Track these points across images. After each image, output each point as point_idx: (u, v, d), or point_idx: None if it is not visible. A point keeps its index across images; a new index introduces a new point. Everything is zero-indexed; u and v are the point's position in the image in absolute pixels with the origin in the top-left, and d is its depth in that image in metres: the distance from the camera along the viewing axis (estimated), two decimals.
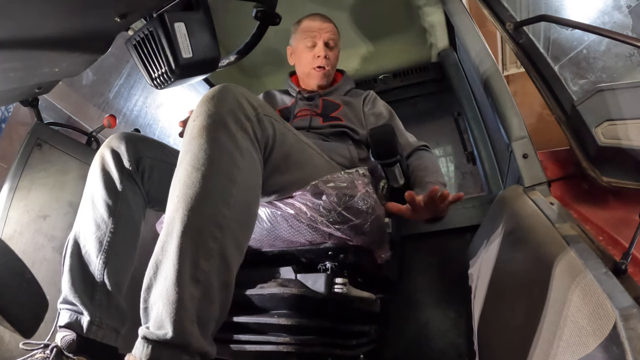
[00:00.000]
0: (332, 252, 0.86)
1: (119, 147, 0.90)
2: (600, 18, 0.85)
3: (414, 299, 1.51)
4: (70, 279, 0.81)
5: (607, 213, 0.79)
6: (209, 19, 0.80)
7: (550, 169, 0.92)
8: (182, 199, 0.61)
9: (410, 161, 1.16)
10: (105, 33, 0.77)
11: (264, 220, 0.87)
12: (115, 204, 0.86)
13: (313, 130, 1.21)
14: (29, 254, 1.10)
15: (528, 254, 0.75)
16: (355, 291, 0.92)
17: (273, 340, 0.86)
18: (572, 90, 0.86)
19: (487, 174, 1.58)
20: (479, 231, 1.24)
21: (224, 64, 0.96)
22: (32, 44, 0.69)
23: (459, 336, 1.38)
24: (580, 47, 0.86)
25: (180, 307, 0.56)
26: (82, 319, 0.79)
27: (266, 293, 0.86)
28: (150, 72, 0.80)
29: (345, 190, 0.83)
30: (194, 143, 0.65)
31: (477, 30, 1.22)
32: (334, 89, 1.37)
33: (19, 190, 1.12)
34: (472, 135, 1.70)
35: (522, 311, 0.71)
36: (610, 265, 0.57)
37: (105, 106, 1.61)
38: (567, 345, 0.53)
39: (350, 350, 0.97)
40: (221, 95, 0.69)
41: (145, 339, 0.56)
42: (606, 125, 0.78)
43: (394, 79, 2.01)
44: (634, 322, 0.46)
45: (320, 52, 1.30)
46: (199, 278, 0.58)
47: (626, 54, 0.81)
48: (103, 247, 0.83)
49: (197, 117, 0.67)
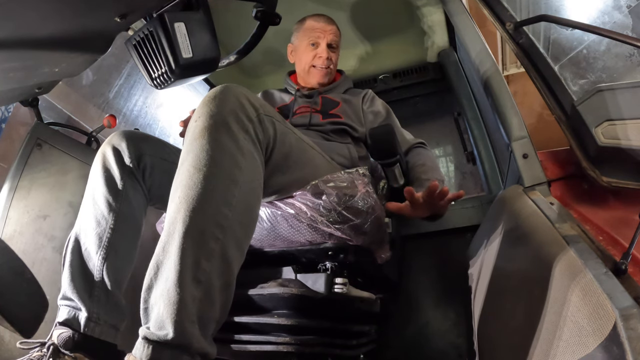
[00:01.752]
0: (332, 252, 0.86)
1: (120, 144, 0.90)
2: (600, 18, 0.85)
3: (414, 299, 1.51)
4: (69, 275, 0.82)
5: (607, 213, 0.79)
6: (209, 19, 0.80)
7: (550, 169, 0.92)
8: (184, 199, 0.61)
9: (408, 158, 1.16)
10: (105, 33, 0.77)
11: (264, 220, 0.87)
12: (116, 201, 0.86)
13: (313, 127, 1.21)
14: (29, 254, 1.10)
15: (528, 254, 0.75)
16: (355, 291, 0.92)
17: (273, 340, 0.86)
18: (572, 90, 0.86)
19: (487, 174, 1.58)
20: (479, 231, 1.24)
21: (224, 64, 0.96)
22: (32, 44, 0.69)
23: (459, 336, 1.38)
24: (580, 47, 0.86)
25: (182, 307, 0.56)
26: (79, 315, 0.79)
27: (266, 293, 0.86)
28: (150, 72, 0.80)
29: (345, 190, 0.83)
30: (195, 144, 0.65)
31: (477, 30, 1.22)
32: (333, 86, 1.38)
33: (19, 190, 1.12)
34: (472, 135, 1.70)
35: (522, 311, 0.71)
36: (610, 265, 0.57)
37: (105, 106, 1.61)
38: (567, 345, 0.53)
39: (350, 350, 0.97)
40: (223, 96, 0.69)
41: (145, 340, 0.56)
42: (606, 125, 0.78)
43: (393, 79, 2.01)
44: (634, 322, 0.46)
45: (323, 53, 1.31)
46: (200, 279, 0.58)
47: (626, 54, 0.81)
48: (103, 244, 0.84)
49: (198, 117, 0.67)
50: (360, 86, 2.03)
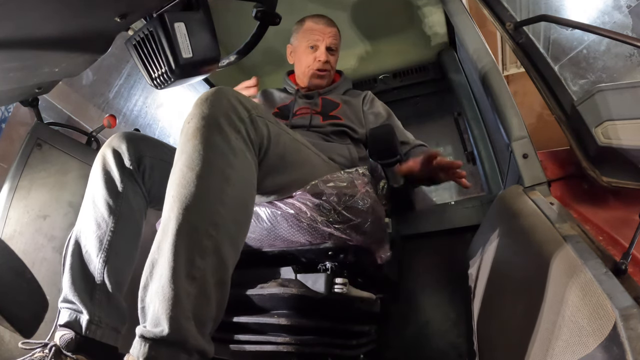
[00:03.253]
0: (332, 252, 0.86)
1: (119, 146, 0.90)
2: (600, 18, 0.85)
3: (414, 299, 1.51)
4: (70, 278, 0.82)
5: (607, 213, 0.79)
6: (209, 19, 0.80)
7: (550, 169, 0.92)
8: (177, 198, 0.62)
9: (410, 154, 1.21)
10: (105, 33, 0.77)
11: (264, 220, 0.87)
12: (116, 203, 0.86)
13: (313, 128, 1.21)
14: (29, 254, 1.10)
15: (528, 254, 0.75)
16: (355, 291, 0.92)
17: (273, 340, 0.86)
18: (572, 90, 0.86)
19: (487, 174, 1.58)
20: (479, 231, 1.24)
21: (224, 64, 0.96)
22: (32, 44, 0.69)
23: (459, 336, 1.38)
24: (580, 47, 0.86)
25: (176, 303, 0.56)
26: (81, 318, 0.79)
27: (266, 293, 0.86)
28: (150, 72, 0.80)
29: (345, 190, 0.83)
30: (188, 144, 0.66)
31: (477, 30, 1.22)
32: (332, 87, 1.38)
33: (19, 190, 1.12)
34: (472, 135, 1.70)
35: (522, 311, 0.71)
36: (610, 265, 0.57)
37: (105, 106, 1.61)
38: (567, 345, 0.53)
39: (350, 350, 0.97)
40: (215, 98, 0.69)
41: (142, 338, 0.56)
42: (606, 125, 0.78)
43: (394, 79, 2.01)
44: (634, 322, 0.46)
45: (322, 56, 1.31)
46: (194, 275, 0.59)
47: (626, 54, 0.81)
48: (103, 246, 0.84)
49: (191, 119, 0.68)
50: (360, 86, 2.03)
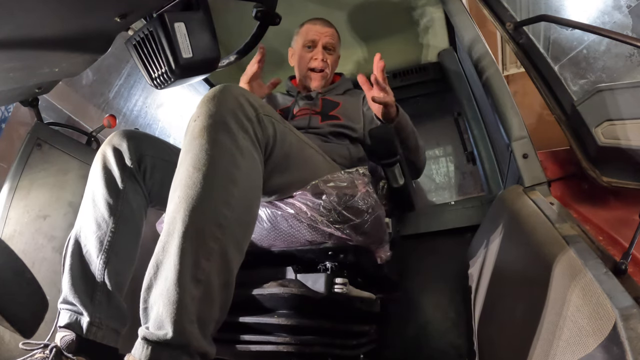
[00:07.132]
0: (332, 252, 0.86)
1: (120, 144, 0.89)
2: (600, 18, 0.85)
3: (414, 299, 1.51)
4: (70, 278, 0.81)
5: (607, 213, 0.79)
6: (209, 19, 0.80)
7: (550, 169, 0.92)
8: (183, 199, 0.61)
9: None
10: (105, 33, 0.77)
11: (264, 220, 0.87)
12: (116, 203, 0.86)
13: (312, 130, 1.21)
14: (29, 254, 1.10)
15: (528, 254, 0.75)
16: (355, 291, 0.92)
17: (273, 340, 0.86)
18: (572, 90, 0.86)
19: (487, 174, 1.58)
20: (479, 231, 1.24)
21: (224, 64, 0.96)
22: (32, 44, 0.69)
23: (459, 336, 1.38)
24: (580, 47, 0.86)
25: (181, 307, 0.56)
26: (81, 320, 0.78)
27: (266, 293, 0.86)
28: (150, 72, 0.79)
29: (345, 190, 0.83)
30: (194, 143, 0.65)
31: (477, 30, 1.23)
32: (332, 87, 1.38)
33: (19, 190, 1.12)
34: (472, 135, 1.70)
35: (522, 311, 0.71)
36: (610, 265, 0.57)
37: (105, 106, 1.61)
38: (567, 345, 0.53)
39: (350, 350, 0.97)
40: (222, 96, 0.68)
41: (145, 340, 0.56)
42: (606, 125, 0.78)
43: (394, 79, 2.01)
44: (634, 322, 0.46)
45: (318, 54, 1.32)
46: (200, 278, 0.58)
47: (626, 54, 0.81)
48: (104, 247, 0.83)
49: (197, 117, 0.67)
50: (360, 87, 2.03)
